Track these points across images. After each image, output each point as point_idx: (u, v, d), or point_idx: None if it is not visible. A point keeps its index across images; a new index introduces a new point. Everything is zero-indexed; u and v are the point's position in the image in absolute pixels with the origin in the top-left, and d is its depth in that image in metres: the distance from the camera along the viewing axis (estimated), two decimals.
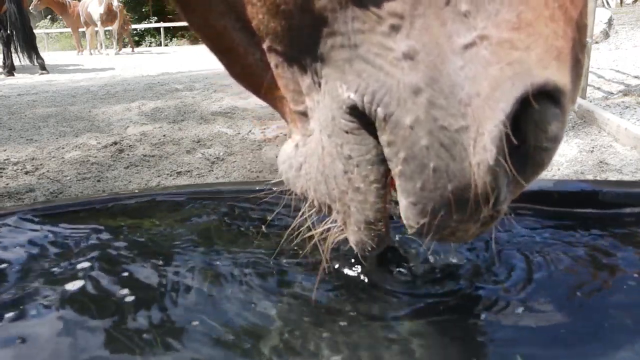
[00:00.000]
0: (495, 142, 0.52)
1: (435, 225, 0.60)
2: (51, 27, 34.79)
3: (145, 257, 0.93)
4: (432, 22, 0.55)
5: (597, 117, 4.65)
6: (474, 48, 0.53)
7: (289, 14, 0.63)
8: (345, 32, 0.60)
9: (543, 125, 0.53)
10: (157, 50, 26.54)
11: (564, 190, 1.08)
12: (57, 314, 0.76)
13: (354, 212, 0.67)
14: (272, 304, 0.78)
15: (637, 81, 6.67)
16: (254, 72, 0.74)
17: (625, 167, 3.59)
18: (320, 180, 0.69)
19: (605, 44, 10.65)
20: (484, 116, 0.53)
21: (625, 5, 19.16)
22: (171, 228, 1.06)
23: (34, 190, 3.93)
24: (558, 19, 0.53)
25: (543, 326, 0.70)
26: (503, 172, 0.54)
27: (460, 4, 0.53)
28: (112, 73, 13.15)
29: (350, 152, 0.64)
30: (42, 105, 8.03)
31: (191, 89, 8.98)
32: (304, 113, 0.71)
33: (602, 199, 1.02)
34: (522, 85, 0.51)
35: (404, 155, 0.58)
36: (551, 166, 3.81)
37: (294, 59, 0.67)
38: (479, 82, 0.53)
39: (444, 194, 0.57)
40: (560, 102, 0.54)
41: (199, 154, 4.73)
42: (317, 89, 0.67)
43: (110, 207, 1.17)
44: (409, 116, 0.56)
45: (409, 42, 0.56)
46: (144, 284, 0.84)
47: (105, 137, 5.58)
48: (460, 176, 0.55)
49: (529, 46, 0.52)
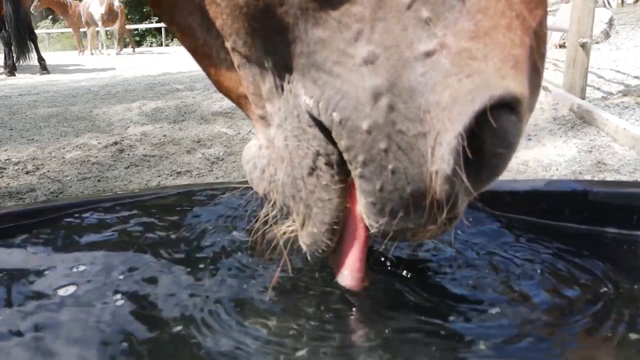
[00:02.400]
0: (453, 154, 0.54)
1: (395, 225, 0.61)
2: (52, 27, 34.82)
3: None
4: (393, 27, 0.55)
5: (596, 117, 4.65)
6: (435, 56, 0.54)
7: (251, 17, 0.64)
8: (305, 39, 0.61)
9: (500, 134, 0.54)
10: (158, 50, 26.54)
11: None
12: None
13: (318, 212, 0.68)
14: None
15: (636, 81, 6.67)
16: (219, 71, 0.75)
17: (623, 167, 3.60)
18: (286, 181, 0.70)
19: (606, 44, 10.65)
20: (442, 127, 0.54)
21: (626, 5, 19.13)
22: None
23: (35, 190, 3.94)
24: (515, 27, 0.54)
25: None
26: (460, 180, 0.55)
27: (422, 10, 0.54)
28: (113, 73, 13.17)
29: (319, 149, 0.65)
30: (43, 105, 8.05)
31: (192, 89, 8.99)
32: (263, 117, 0.72)
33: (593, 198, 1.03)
34: (480, 100, 0.52)
35: (362, 159, 0.59)
36: (549, 166, 3.82)
37: (256, 62, 0.68)
38: (439, 92, 0.54)
39: (403, 196, 0.59)
40: (517, 110, 0.55)
41: (199, 154, 4.75)
42: (279, 93, 0.68)
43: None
44: (367, 120, 0.57)
45: (369, 47, 0.56)
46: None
47: (106, 137, 5.60)
48: (418, 180, 0.57)
49: (487, 55, 0.53)
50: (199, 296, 0.80)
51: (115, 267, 0.90)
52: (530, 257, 0.89)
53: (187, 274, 0.87)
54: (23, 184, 4.12)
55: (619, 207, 1.00)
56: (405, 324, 0.71)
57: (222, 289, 0.82)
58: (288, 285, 0.82)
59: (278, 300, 0.78)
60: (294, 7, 0.60)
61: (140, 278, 0.86)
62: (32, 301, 0.81)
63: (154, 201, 1.23)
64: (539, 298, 0.78)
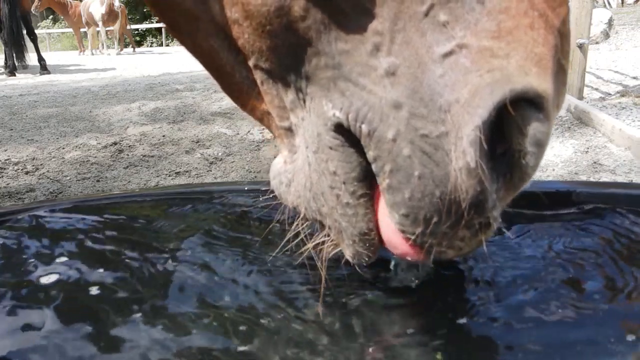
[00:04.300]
0: (473, 145, 0.53)
1: (430, 233, 0.60)
2: (53, 27, 34.86)
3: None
4: (412, 35, 0.56)
5: (593, 117, 4.67)
6: (453, 56, 0.54)
7: (274, 34, 0.64)
8: (330, 52, 0.61)
9: (525, 130, 0.54)
10: (159, 50, 26.57)
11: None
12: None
13: (346, 226, 0.67)
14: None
15: (635, 82, 6.68)
16: (241, 89, 0.76)
17: (618, 167, 3.62)
18: (308, 197, 0.70)
19: (606, 44, 10.66)
20: (463, 121, 0.53)
21: (626, 5, 19.13)
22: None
23: (34, 190, 3.97)
24: (539, 26, 0.54)
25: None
26: (487, 176, 0.55)
27: (439, 14, 0.54)
28: (113, 73, 13.20)
29: (336, 169, 0.65)
30: (43, 105, 8.08)
31: (192, 89, 9.02)
32: (288, 129, 0.72)
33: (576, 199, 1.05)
34: (500, 92, 0.52)
35: (389, 168, 0.59)
36: (546, 167, 3.84)
37: (279, 77, 0.68)
38: (458, 89, 0.53)
39: (433, 200, 0.57)
40: (542, 107, 0.54)
41: (197, 154, 4.77)
42: (301, 105, 0.68)
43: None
44: (391, 130, 0.57)
45: (389, 59, 0.57)
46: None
47: (106, 137, 5.62)
48: (445, 181, 0.56)
49: (509, 54, 0.53)
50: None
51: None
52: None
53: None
54: (22, 184, 4.14)
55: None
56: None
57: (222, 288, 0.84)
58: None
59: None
60: (317, 22, 0.61)
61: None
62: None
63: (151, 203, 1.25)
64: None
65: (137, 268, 0.92)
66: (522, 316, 0.73)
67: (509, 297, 0.78)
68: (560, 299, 0.76)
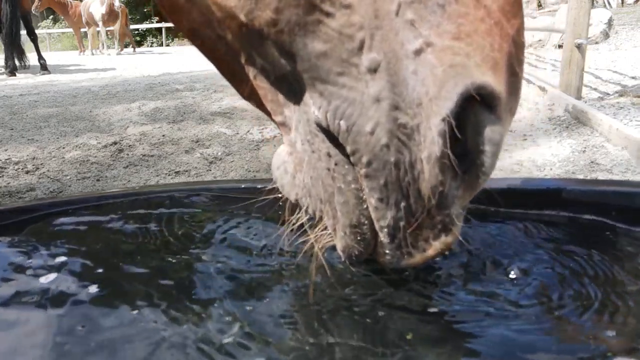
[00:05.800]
0: (441, 134, 0.57)
1: (398, 217, 0.64)
2: (53, 27, 34.88)
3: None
4: (388, 33, 0.59)
5: (591, 117, 4.68)
6: (423, 54, 0.58)
7: (251, 37, 0.67)
8: (305, 54, 0.63)
9: (480, 129, 0.58)
10: (159, 50, 26.61)
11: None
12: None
13: (340, 215, 0.70)
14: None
15: (633, 82, 6.69)
16: (242, 78, 0.77)
17: (615, 167, 3.64)
18: (311, 184, 0.72)
19: (605, 44, 10.67)
20: (432, 113, 0.58)
21: (626, 5, 19.12)
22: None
23: (35, 189, 3.99)
24: (494, 33, 0.59)
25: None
26: (449, 167, 0.59)
27: (407, 13, 0.58)
28: (114, 73, 13.22)
29: (329, 150, 0.68)
30: (43, 105, 8.10)
31: (191, 89, 9.04)
32: (283, 123, 0.74)
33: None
34: (463, 84, 0.57)
35: (367, 160, 0.62)
36: (544, 166, 3.86)
37: (268, 72, 0.71)
38: (427, 83, 0.58)
39: (402, 185, 0.62)
40: (495, 108, 0.59)
41: (197, 153, 4.79)
42: (292, 100, 0.70)
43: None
44: (370, 122, 0.61)
45: (370, 55, 0.60)
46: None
47: (106, 137, 5.64)
48: (414, 168, 0.61)
49: (469, 53, 0.58)
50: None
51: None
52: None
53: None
54: (23, 184, 4.16)
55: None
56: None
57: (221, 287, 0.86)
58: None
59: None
60: (290, 24, 0.62)
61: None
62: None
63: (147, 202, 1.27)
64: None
65: (136, 267, 0.94)
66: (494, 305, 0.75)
67: (482, 285, 0.81)
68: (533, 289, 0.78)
